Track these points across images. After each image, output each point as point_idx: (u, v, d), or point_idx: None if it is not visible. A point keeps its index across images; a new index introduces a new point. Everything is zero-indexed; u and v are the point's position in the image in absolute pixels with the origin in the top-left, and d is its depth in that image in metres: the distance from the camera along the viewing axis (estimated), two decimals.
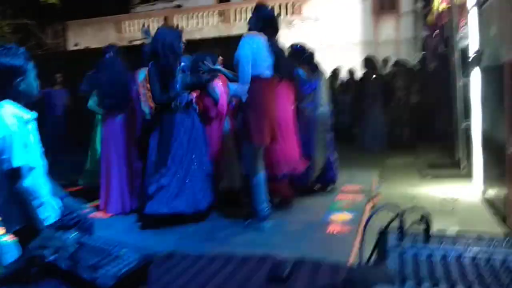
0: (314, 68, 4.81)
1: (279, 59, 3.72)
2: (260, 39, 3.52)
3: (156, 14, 18.67)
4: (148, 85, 3.95)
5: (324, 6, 15.75)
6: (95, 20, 18.65)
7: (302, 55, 4.79)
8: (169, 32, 3.87)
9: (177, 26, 14.00)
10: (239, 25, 17.04)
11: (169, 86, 3.72)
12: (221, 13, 17.95)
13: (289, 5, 16.67)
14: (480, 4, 4.14)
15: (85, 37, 17.92)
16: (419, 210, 1.26)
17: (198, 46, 4.65)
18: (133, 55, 4.96)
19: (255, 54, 3.42)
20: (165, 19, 18.26)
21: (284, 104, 4.02)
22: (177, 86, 3.73)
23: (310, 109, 4.67)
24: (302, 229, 3.58)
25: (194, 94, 4.04)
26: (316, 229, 3.55)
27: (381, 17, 15.96)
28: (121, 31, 18.72)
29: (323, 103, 4.77)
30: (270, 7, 3.85)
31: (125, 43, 17.45)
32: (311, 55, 4.88)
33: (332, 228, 3.50)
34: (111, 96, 4.26)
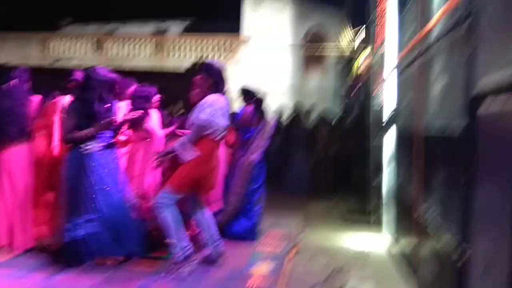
0: (261, 114, 4.87)
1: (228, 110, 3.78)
2: (221, 102, 3.59)
3: (87, 37, 17.99)
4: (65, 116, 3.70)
5: (257, 51, 16.42)
6: (18, 35, 17.40)
7: (251, 98, 4.89)
8: (105, 71, 3.75)
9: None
10: (174, 59, 17.05)
11: (87, 124, 3.53)
12: (156, 44, 17.80)
13: (224, 46, 17.12)
14: (400, 70, 4.59)
15: (4, 52, 16.59)
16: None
17: (129, 76, 4.54)
18: (57, 76, 4.75)
19: (214, 116, 3.47)
20: (97, 42, 17.65)
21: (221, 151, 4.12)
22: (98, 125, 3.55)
23: (240, 155, 4.71)
24: (223, 281, 3.51)
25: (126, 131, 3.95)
26: (237, 281, 3.49)
27: (309, 68, 17.08)
28: (47, 49, 17.63)
29: (257, 150, 4.75)
30: (218, 64, 3.92)
31: (50, 62, 16.49)
32: (260, 100, 4.96)
33: (253, 282, 3.47)
34: (11, 125, 3.92)
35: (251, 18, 16.79)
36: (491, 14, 1.93)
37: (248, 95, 5.01)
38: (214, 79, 3.61)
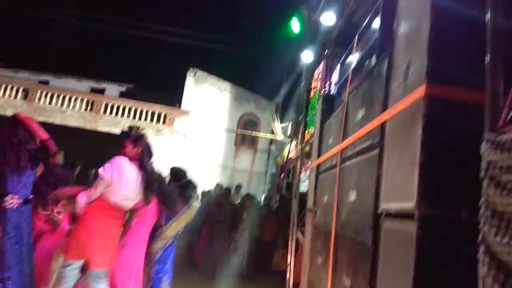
0: (187, 197, 4.79)
1: (149, 184, 3.78)
2: (131, 170, 3.59)
3: (17, 83, 17.20)
4: None
5: (194, 126, 16.85)
6: None
7: (180, 179, 4.84)
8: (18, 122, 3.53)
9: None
10: (106, 120, 16.79)
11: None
12: (90, 103, 17.50)
13: (162, 115, 17.35)
14: (318, 173, 5.07)
15: None
16: None
17: (58, 131, 4.39)
18: None
19: (118, 179, 3.45)
20: (26, 91, 16.90)
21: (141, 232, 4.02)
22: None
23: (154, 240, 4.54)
24: None
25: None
26: None
27: (241, 149, 17.80)
28: None
29: (169, 238, 4.59)
30: (145, 135, 3.99)
31: None
32: (189, 183, 4.91)
33: None
34: None
35: (191, 94, 17.47)
36: (391, 152, 2.40)
37: (176, 176, 4.98)
38: (141, 149, 3.67)
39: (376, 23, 3.76)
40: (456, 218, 1.90)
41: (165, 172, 4.83)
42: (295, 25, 7.83)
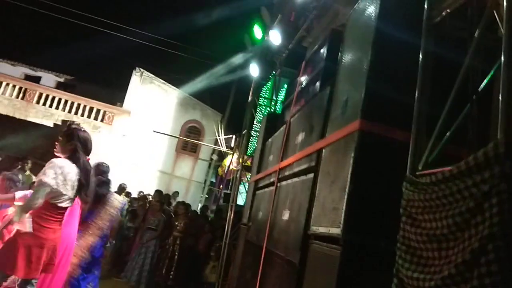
0: (102, 195, 4.64)
1: (86, 182, 3.58)
2: (71, 169, 3.40)
3: None
4: None
5: (134, 126, 16.33)
6: None
7: (99, 174, 4.68)
8: None
9: None
10: (38, 111, 15.73)
11: None
12: (23, 90, 16.30)
13: (100, 112, 16.60)
14: (255, 188, 5.14)
15: None
16: None
17: None
18: None
19: (60, 184, 3.26)
20: None
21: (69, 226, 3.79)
22: None
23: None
24: None
25: None
26: None
27: (182, 156, 17.53)
28: None
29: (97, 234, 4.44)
30: (82, 129, 3.77)
31: None
32: (107, 181, 4.80)
33: None
34: None
35: (135, 94, 16.94)
36: (325, 178, 2.53)
37: (97, 170, 4.79)
38: (76, 145, 3.49)
39: (324, 52, 3.95)
40: (376, 246, 2.04)
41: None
42: (257, 31, 7.86)
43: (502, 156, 1.10)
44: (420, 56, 1.86)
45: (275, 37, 7.12)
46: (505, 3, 1.39)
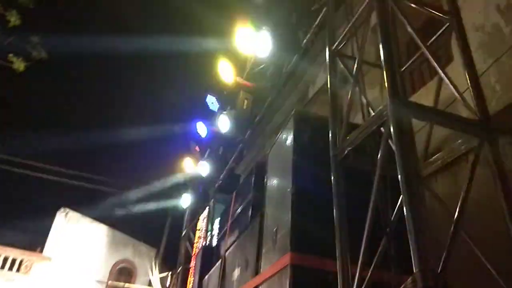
0: None
1: None
2: None
3: None
4: None
5: (58, 273, 14.67)
6: None
7: None
8: None
9: None
10: None
11: None
12: None
13: (16, 261, 14.79)
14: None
15: None
16: None
17: None
18: None
19: None
20: None
21: None
22: None
23: None
24: None
25: None
26: None
27: None
28: None
29: None
30: None
31: None
32: None
33: None
34: None
35: (59, 236, 15.62)
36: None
37: None
38: None
39: (251, 183, 4.08)
40: None
41: None
42: (201, 128, 7.81)
43: None
44: (333, 188, 2.01)
45: (204, 169, 7.35)
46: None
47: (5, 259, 14.53)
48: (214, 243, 6.03)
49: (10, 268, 14.53)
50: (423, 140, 2.39)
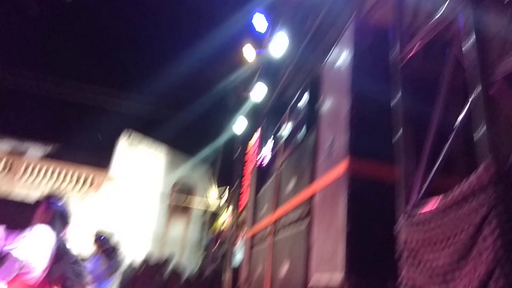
0: (114, 266, 4.46)
1: (61, 257, 3.42)
2: (47, 238, 3.24)
3: None
4: None
5: (125, 189, 16.07)
6: None
7: (103, 246, 4.51)
8: None
9: None
10: (26, 185, 15.43)
11: None
12: (8, 165, 16.08)
13: (88, 178, 16.35)
14: (252, 244, 5.00)
15: None
16: None
17: None
18: None
19: (33, 253, 3.09)
20: None
21: None
22: None
23: None
24: None
25: None
26: None
27: (175, 216, 17.15)
28: None
29: None
30: (62, 200, 3.69)
31: None
32: (113, 250, 4.59)
33: None
34: None
35: (123, 156, 16.86)
36: (320, 223, 2.48)
37: (102, 242, 4.66)
38: (50, 215, 3.35)
39: (305, 101, 4.03)
40: None
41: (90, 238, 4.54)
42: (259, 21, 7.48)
43: (494, 178, 1.09)
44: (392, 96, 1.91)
45: (258, 94, 7.35)
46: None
47: (79, 177, 16.12)
48: (267, 161, 6.21)
49: (83, 185, 16.14)
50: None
